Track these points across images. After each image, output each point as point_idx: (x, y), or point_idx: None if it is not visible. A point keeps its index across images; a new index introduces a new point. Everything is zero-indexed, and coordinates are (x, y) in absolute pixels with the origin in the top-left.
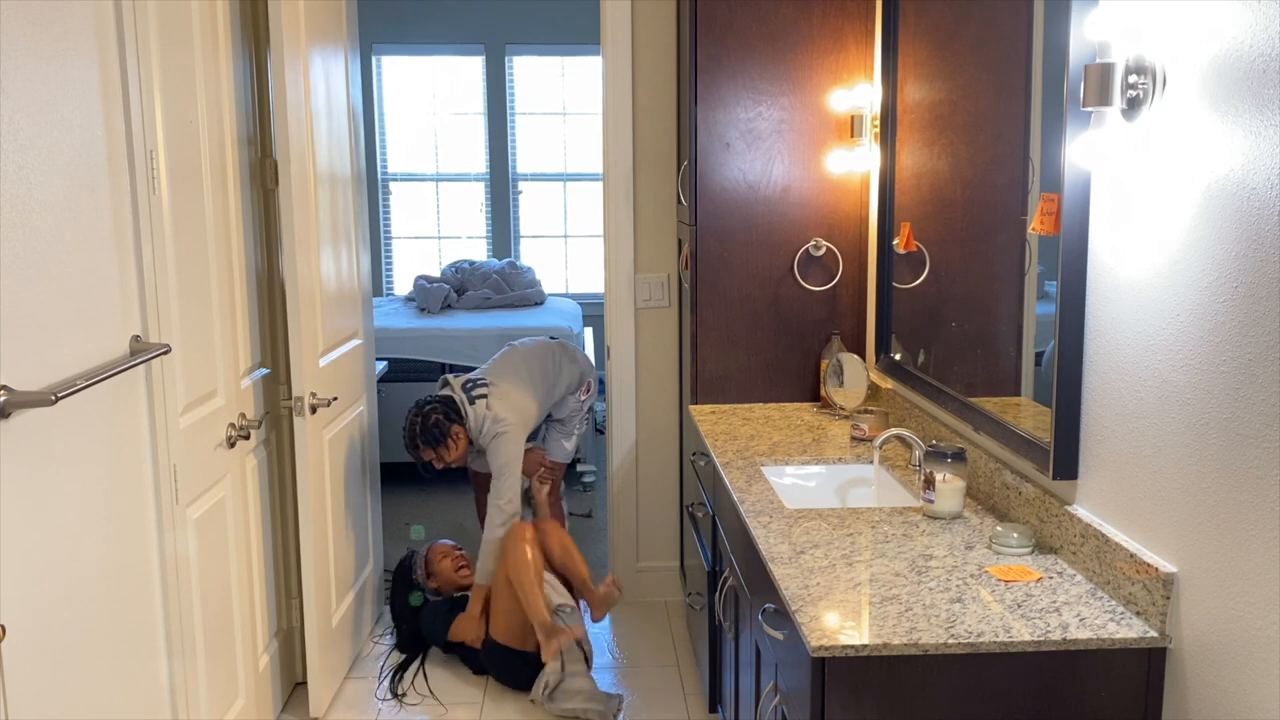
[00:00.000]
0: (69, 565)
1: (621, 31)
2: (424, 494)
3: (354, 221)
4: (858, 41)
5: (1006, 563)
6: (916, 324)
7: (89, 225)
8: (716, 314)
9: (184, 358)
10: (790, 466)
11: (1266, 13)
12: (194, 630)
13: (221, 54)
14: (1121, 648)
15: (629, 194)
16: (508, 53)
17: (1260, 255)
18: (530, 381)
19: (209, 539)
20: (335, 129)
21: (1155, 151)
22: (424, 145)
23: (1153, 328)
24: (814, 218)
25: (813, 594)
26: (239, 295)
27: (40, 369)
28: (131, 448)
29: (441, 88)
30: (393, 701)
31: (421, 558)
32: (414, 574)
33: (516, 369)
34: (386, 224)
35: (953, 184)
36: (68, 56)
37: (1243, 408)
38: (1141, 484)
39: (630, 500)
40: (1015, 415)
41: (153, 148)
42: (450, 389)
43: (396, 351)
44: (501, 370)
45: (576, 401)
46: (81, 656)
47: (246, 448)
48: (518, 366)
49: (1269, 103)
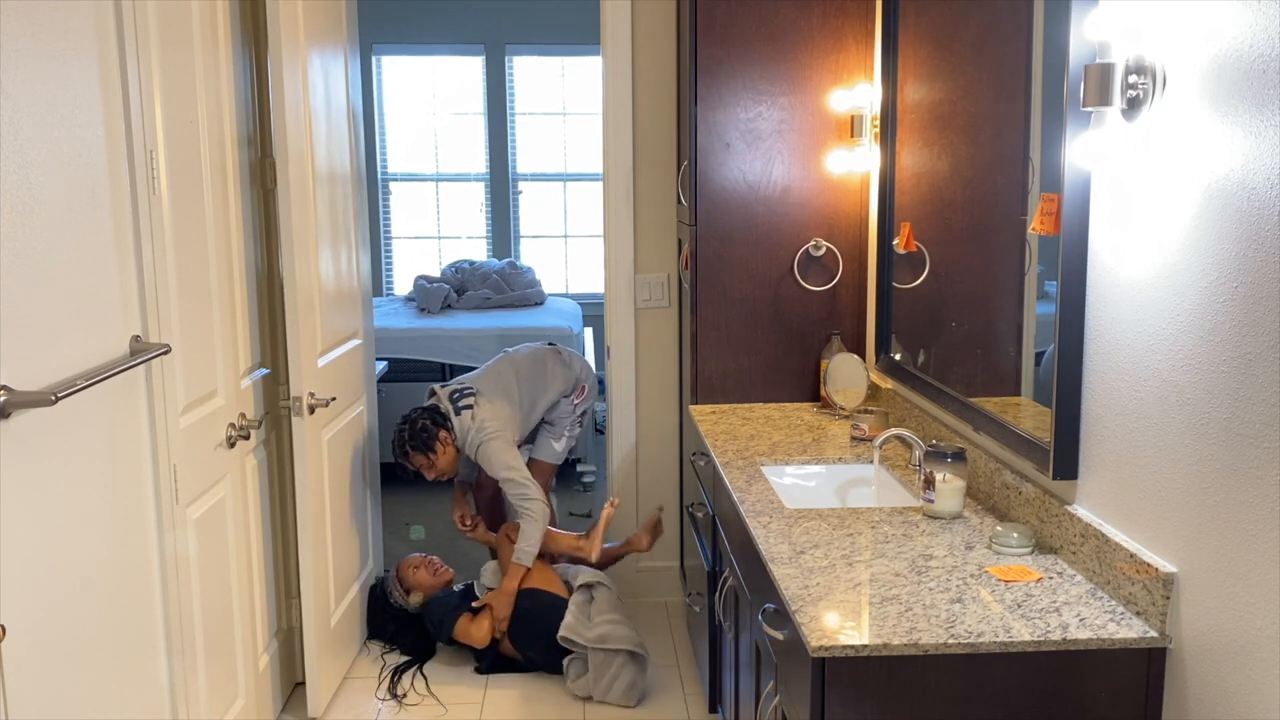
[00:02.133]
0: (69, 565)
1: (621, 32)
2: (424, 494)
3: (354, 221)
4: (858, 41)
5: (1006, 563)
6: (916, 324)
7: (89, 225)
8: (716, 314)
9: (184, 358)
10: (790, 466)
11: (1266, 13)
12: (194, 630)
13: (221, 54)
14: (1121, 648)
15: (629, 194)
16: (508, 53)
17: (1260, 255)
18: (518, 388)
19: (209, 539)
20: (334, 129)
21: (1155, 151)
22: (424, 145)
23: (1153, 328)
24: (814, 218)
25: (813, 594)
26: (239, 295)
27: (40, 369)
28: (131, 448)
29: (441, 88)
30: (392, 702)
31: (393, 579)
32: (391, 598)
33: (504, 377)
34: (386, 224)
35: (953, 184)
36: (68, 56)
37: (1243, 408)
38: (1141, 484)
39: (630, 500)
40: (1015, 415)
41: (153, 148)
42: (437, 399)
43: (396, 351)
44: (489, 379)
45: (569, 405)
46: (81, 656)
47: (246, 448)
48: (505, 375)
49: (1269, 103)
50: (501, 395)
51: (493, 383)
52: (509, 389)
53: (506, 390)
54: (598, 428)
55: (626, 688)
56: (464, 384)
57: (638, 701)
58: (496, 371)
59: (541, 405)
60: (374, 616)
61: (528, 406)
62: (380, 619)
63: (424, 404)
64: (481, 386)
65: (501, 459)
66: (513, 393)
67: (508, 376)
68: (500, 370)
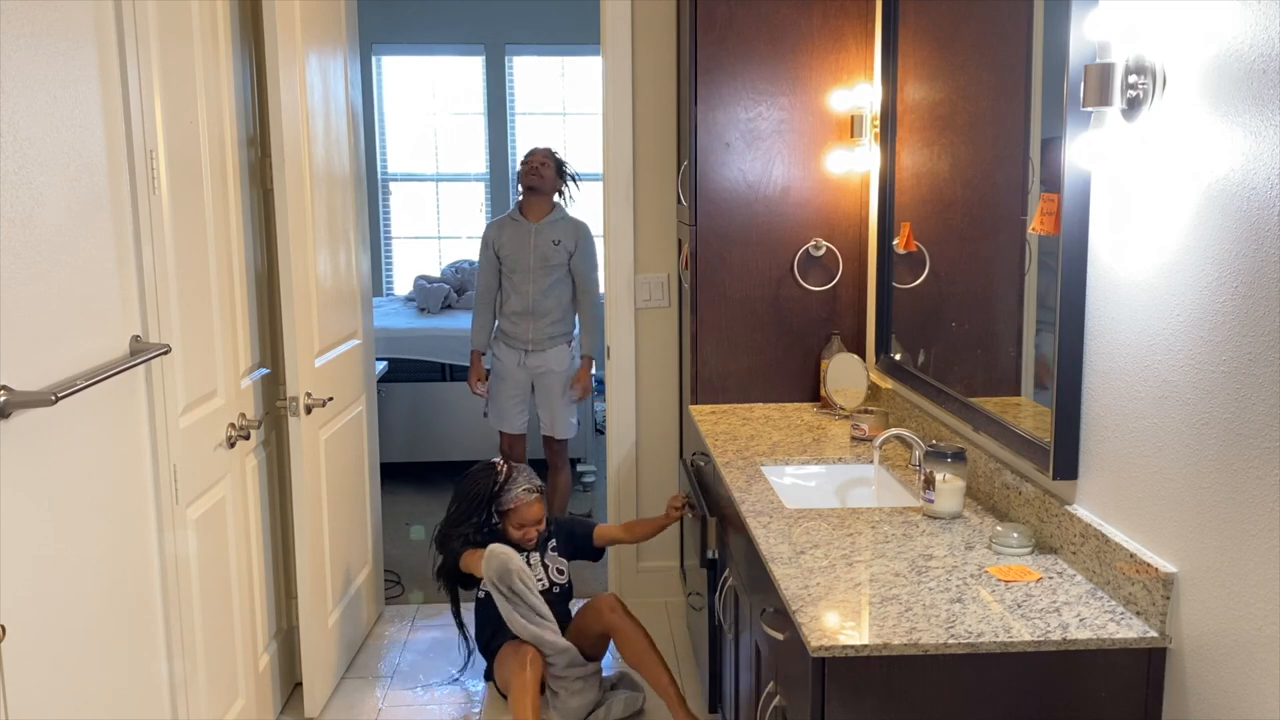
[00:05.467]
0: (69, 565)
1: (621, 31)
2: (424, 494)
3: (353, 221)
4: (858, 41)
5: (1006, 563)
6: (916, 324)
7: (89, 225)
8: (716, 314)
9: (184, 358)
10: (790, 466)
11: (1266, 13)
12: (194, 630)
13: (221, 54)
14: (1121, 648)
15: (629, 194)
16: (508, 53)
17: (1260, 255)
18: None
19: (209, 539)
20: (333, 129)
21: (1155, 151)
22: (424, 145)
23: (1153, 328)
24: (814, 218)
25: (813, 594)
26: (239, 295)
27: (40, 369)
28: (131, 448)
29: (441, 88)
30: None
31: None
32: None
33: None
34: (386, 224)
35: (953, 184)
36: (68, 56)
37: (1243, 408)
38: (1141, 484)
39: (630, 500)
40: (1015, 415)
41: (153, 148)
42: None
43: (396, 351)
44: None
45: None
46: (81, 656)
47: (246, 448)
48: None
49: (1269, 103)
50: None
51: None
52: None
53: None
54: (598, 428)
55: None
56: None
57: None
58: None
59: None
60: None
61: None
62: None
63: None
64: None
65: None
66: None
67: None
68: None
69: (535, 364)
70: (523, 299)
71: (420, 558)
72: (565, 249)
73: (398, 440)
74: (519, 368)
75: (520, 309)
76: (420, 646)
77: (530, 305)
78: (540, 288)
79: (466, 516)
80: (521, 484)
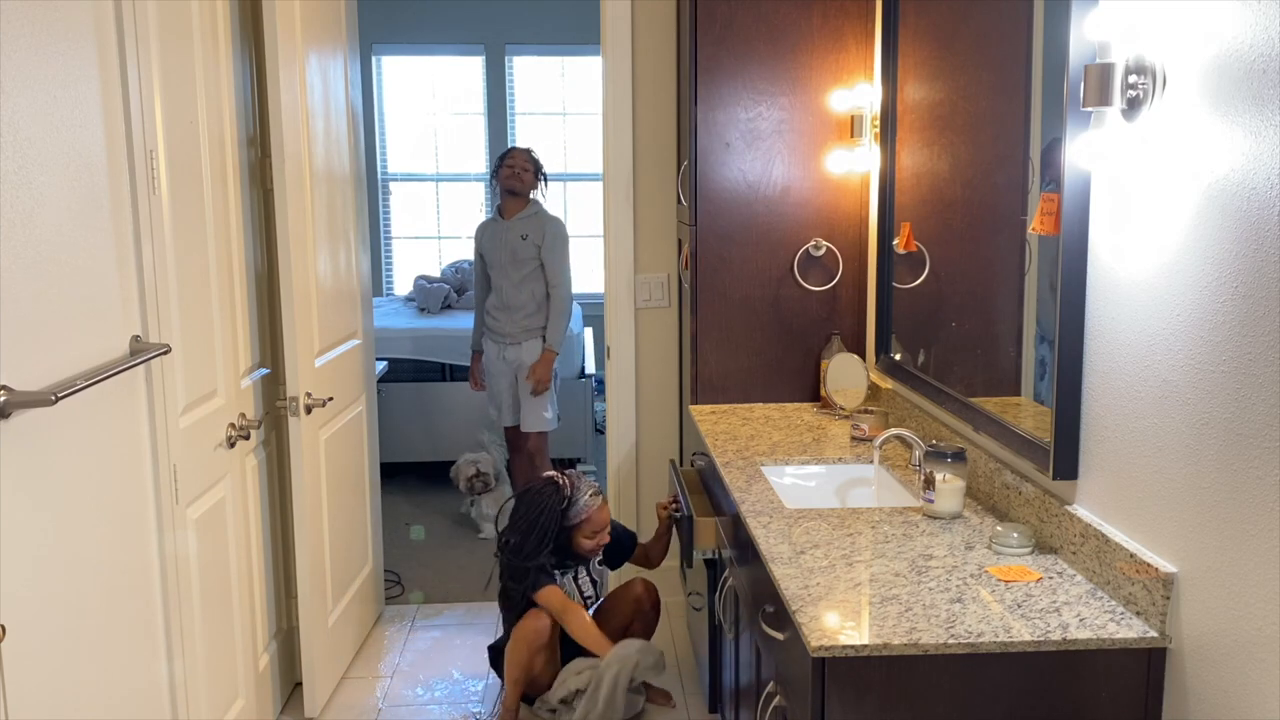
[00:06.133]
0: (69, 565)
1: (621, 31)
2: (424, 494)
3: (353, 221)
4: (858, 41)
5: (1006, 563)
6: (916, 324)
7: (89, 225)
8: (716, 314)
9: (184, 358)
10: (790, 466)
11: (1266, 13)
12: (194, 630)
13: (221, 54)
14: (1121, 648)
15: (629, 194)
16: (508, 53)
17: (1260, 255)
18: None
19: (209, 539)
20: (333, 129)
21: (1155, 151)
22: (424, 145)
23: (1153, 328)
24: (814, 218)
25: (813, 594)
26: (239, 295)
27: (40, 369)
28: (131, 448)
29: (441, 88)
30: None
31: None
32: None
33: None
34: (386, 224)
35: (953, 184)
36: (68, 56)
37: (1243, 408)
38: (1141, 484)
39: (630, 500)
40: (1015, 415)
41: (153, 148)
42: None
43: (396, 351)
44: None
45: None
46: (81, 656)
47: (246, 448)
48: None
49: (1269, 103)
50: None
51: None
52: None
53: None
54: (598, 428)
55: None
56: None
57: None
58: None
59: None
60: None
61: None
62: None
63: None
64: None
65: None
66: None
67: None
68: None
69: (513, 357)
70: (499, 294)
71: (420, 558)
72: (534, 243)
73: (398, 440)
74: (500, 360)
75: (497, 303)
76: (420, 646)
77: (505, 300)
78: (512, 282)
79: (541, 544)
80: (585, 491)
